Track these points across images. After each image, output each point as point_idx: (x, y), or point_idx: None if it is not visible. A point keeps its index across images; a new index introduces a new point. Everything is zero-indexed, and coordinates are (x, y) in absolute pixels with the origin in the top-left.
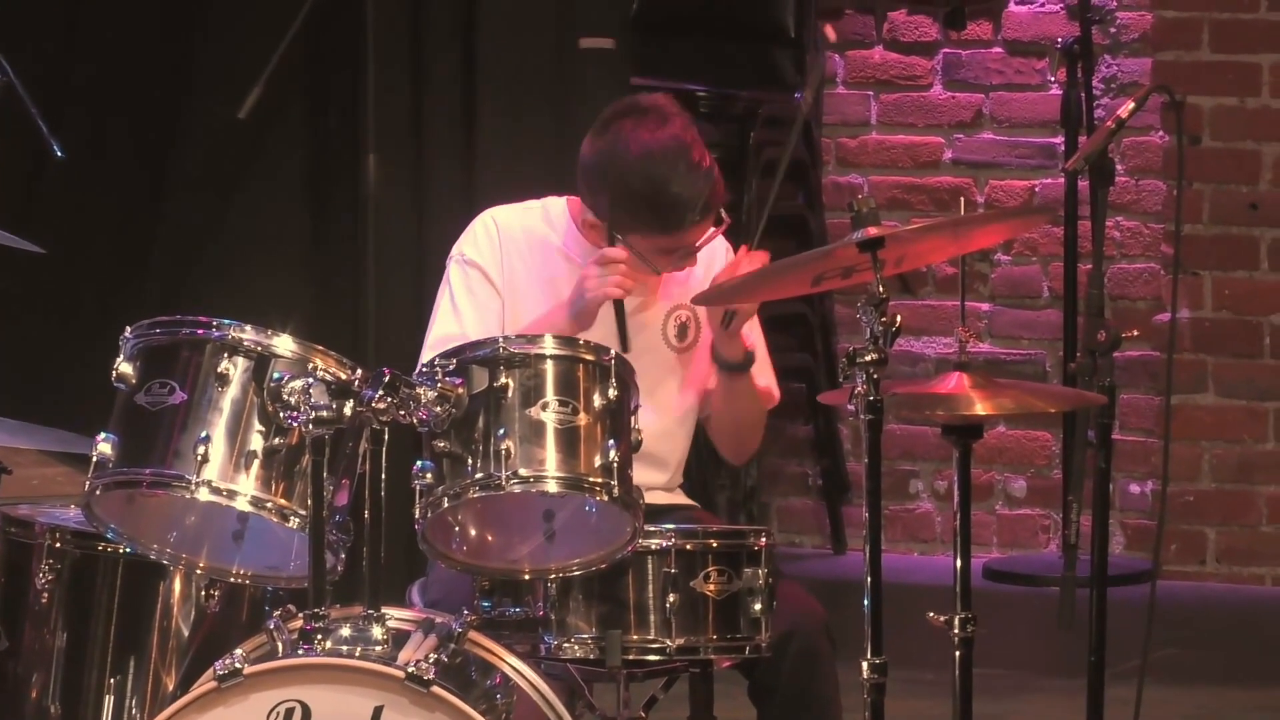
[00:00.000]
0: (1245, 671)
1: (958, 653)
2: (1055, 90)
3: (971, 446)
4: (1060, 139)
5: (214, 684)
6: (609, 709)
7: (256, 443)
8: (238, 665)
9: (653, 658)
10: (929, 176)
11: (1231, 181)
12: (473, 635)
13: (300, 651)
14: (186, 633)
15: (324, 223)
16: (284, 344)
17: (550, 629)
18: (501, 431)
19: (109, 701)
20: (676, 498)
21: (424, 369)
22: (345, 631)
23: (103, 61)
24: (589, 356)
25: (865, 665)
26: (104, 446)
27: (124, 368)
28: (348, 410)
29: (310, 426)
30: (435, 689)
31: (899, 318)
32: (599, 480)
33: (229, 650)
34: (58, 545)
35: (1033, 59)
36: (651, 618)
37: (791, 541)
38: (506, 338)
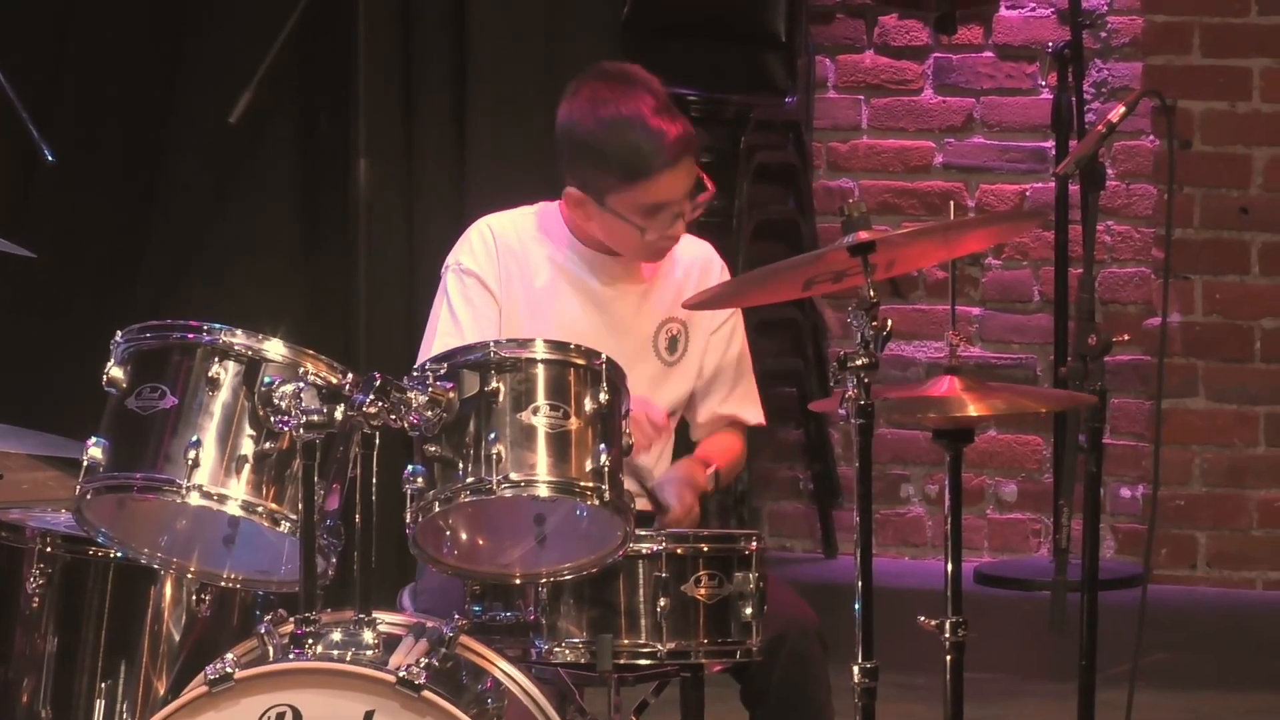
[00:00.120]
0: (1236, 675)
1: (949, 657)
2: (1046, 94)
3: (962, 451)
4: (1051, 143)
5: (205, 688)
6: (600, 713)
7: (247, 447)
8: (229, 670)
9: (644, 662)
10: (920, 181)
11: (1222, 186)
12: (464, 640)
13: (291, 656)
14: (177, 637)
15: (315, 227)
16: (275, 348)
17: (541, 633)
18: (492, 435)
19: (100, 706)
20: None
21: (415, 373)
22: (336, 636)
23: (93, 66)
24: (580, 361)
25: (856, 669)
26: (95, 451)
27: (115, 372)
28: (339, 414)
29: (301, 431)
30: (426, 693)
31: (890, 322)
32: (590, 484)
33: (220, 655)
34: (48, 549)
35: (1023, 63)
36: (642, 622)
37: (782, 546)
38: (498, 342)
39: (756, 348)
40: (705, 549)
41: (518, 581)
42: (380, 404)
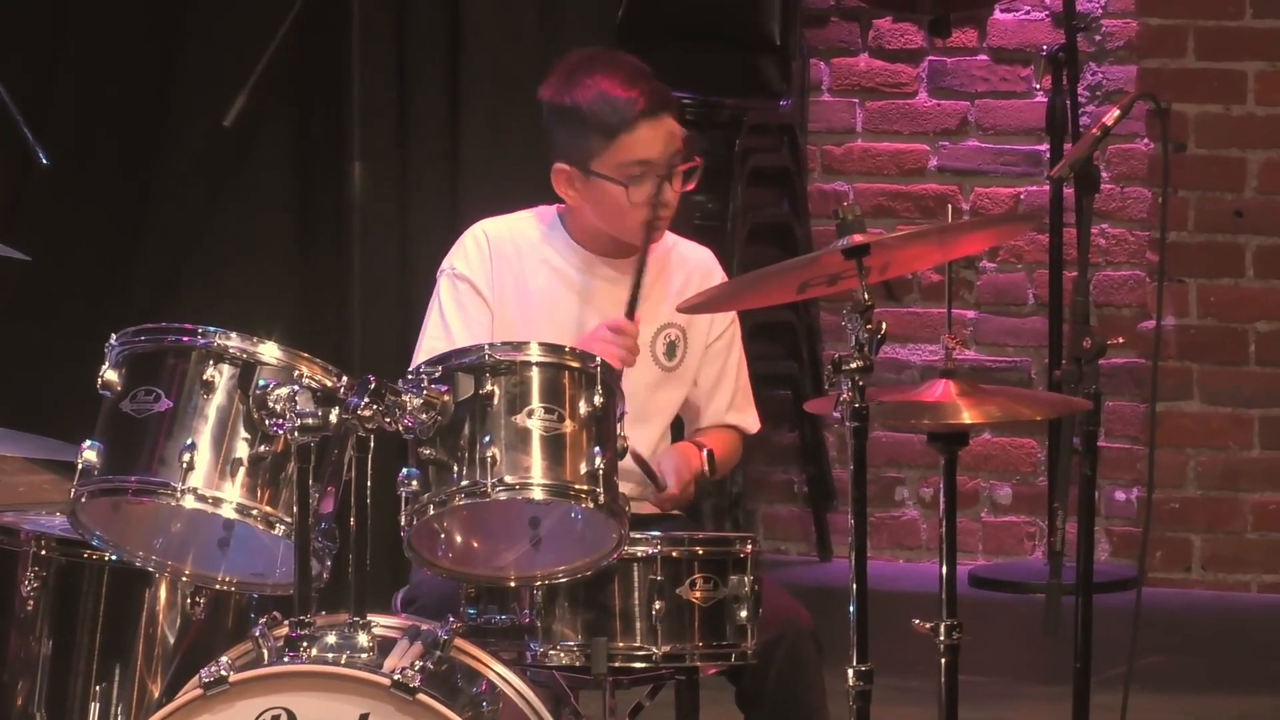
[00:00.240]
0: (1230, 678)
1: (943, 660)
2: (1040, 98)
3: (957, 454)
4: (1045, 146)
5: (199, 691)
6: (595, 716)
7: (242, 450)
8: (223, 673)
9: (639, 665)
10: (914, 184)
11: (1217, 189)
12: (458, 642)
13: (286, 659)
14: (172, 640)
15: (310, 230)
16: (269, 351)
17: (536, 636)
18: (487, 439)
19: (94, 709)
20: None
21: (410, 376)
22: (331, 639)
23: (88, 69)
24: (575, 364)
25: (851, 672)
26: (89, 454)
27: (109, 375)
28: (333, 417)
29: (296, 434)
30: (421, 696)
31: (884, 325)
32: (585, 487)
33: (214, 658)
34: (43, 553)
35: (1018, 66)
36: (637, 625)
37: (777, 549)
38: (492, 345)
39: (751, 351)
40: (700, 552)
41: (512, 584)
42: (375, 407)
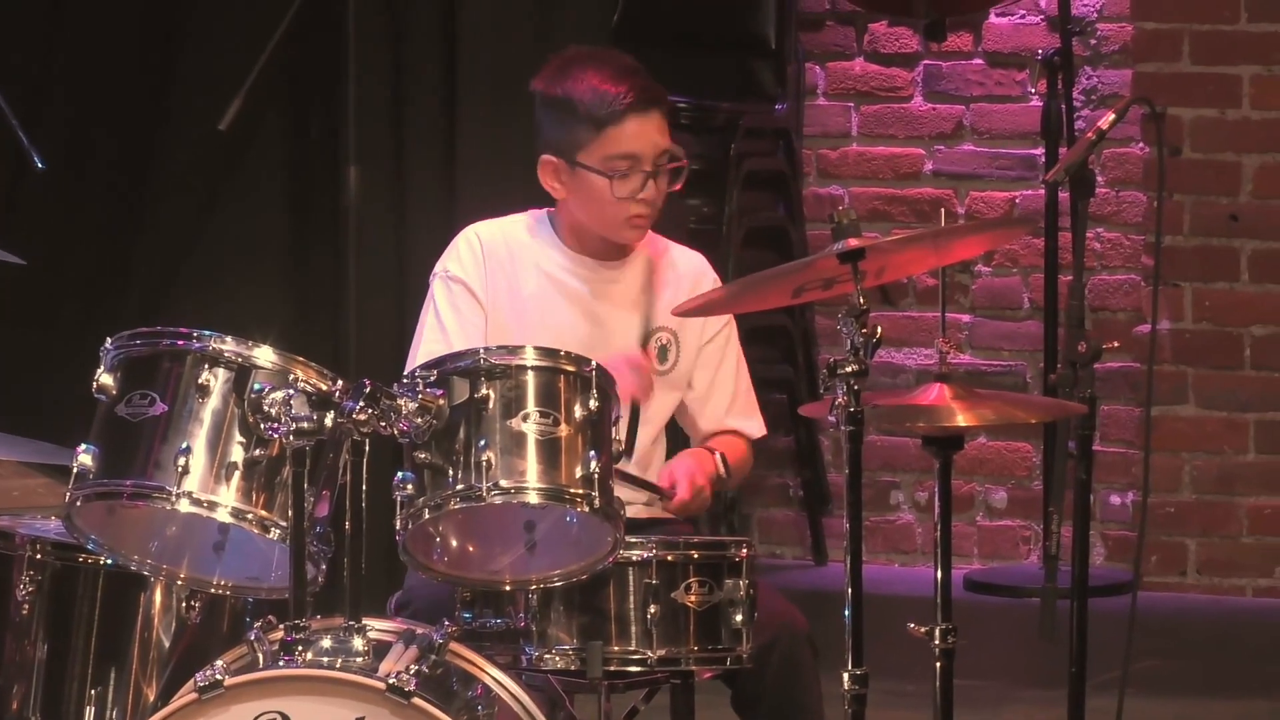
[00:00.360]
0: (1226, 682)
1: (938, 664)
2: (1036, 102)
3: (952, 458)
4: (1041, 150)
5: (195, 695)
6: None
7: (237, 454)
8: (219, 676)
9: (634, 669)
10: (910, 188)
11: (1212, 193)
12: (454, 646)
13: (281, 663)
14: (167, 644)
15: (305, 234)
16: (265, 355)
17: (531, 640)
18: (483, 442)
19: (90, 713)
20: (657, 510)
21: (405, 380)
22: (326, 643)
23: (83, 73)
24: (570, 367)
25: (846, 676)
26: (84, 458)
27: (105, 379)
28: (328, 421)
29: (291, 438)
30: (416, 700)
31: (880, 329)
32: (580, 491)
33: (210, 661)
34: (38, 556)
35: (1013, 70)
36: (633, 629)
37: (772, 553)
38: (487, 349)
39: (746, 354)
40: (695, 556)
41: (508, 588)
42: (370, 411)
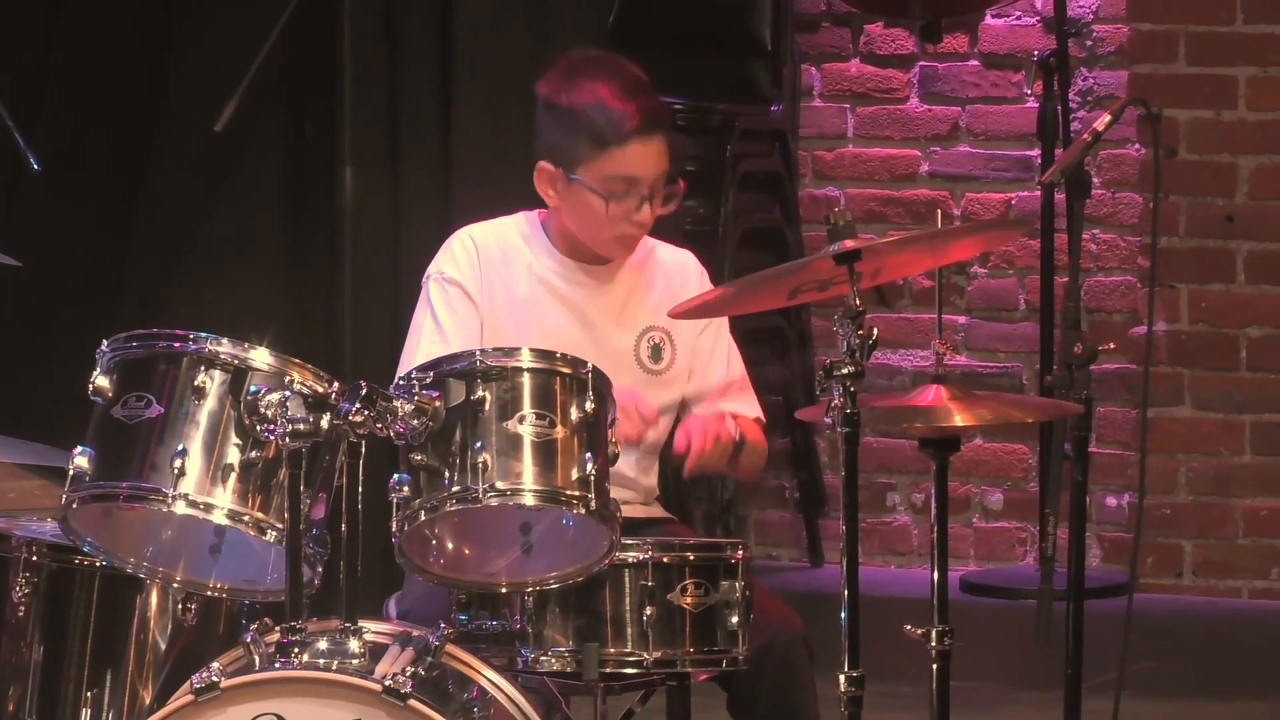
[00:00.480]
0: (1222, 684)
1: (935, 665)
2: (1032, 103)
3: (948, 459)
4: (1037, 152)
5: (191, 697)
6: None
7: (233, 456)
8: (215, 678)
9: (630, 670)
10: (905, 189)
11: (1208, 194)
12: (450, 648)
13: (277, 665)
14: (163, 646)
15: (301, 235)
16: (261, 357)
17: (527, 642)
18: (479, 444)
19: (86, 715)
20: (654, 510)
21: (401, 382)
22: (322, 645)
23: (79, 74)
24: (566, 370)
25: (842, 678)
26: (80, 460)
27: (100, 381)
28: (325, 423)
29: (287, 440)
30: (412, 702)
31: (876, 330)
32: (576, 493)
33: (206, 663)
34: (34, 558)
35: (1009, 72)
36: (628, 630)
37: (769, 554)
38: (484, 350)
39: (742, 356)
40: (691, 558)
41: (504, 590)
42: (366, 412)
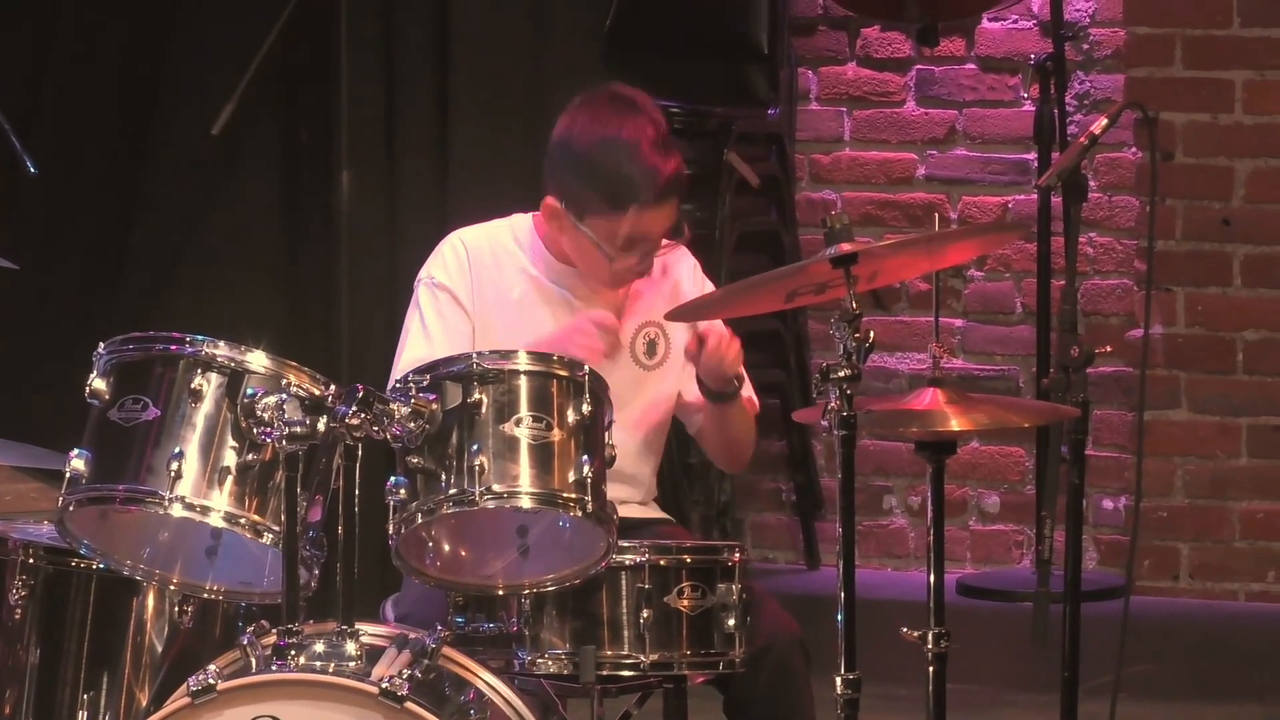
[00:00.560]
0: (1218, 687)
1: (931, 668)
2: (1028, 106)
3: (945, 462)
4: (1033, 155)
5: (187, 700)
6: None
7: (230, 459)
8: (211, 681)
9: (627, 673)
10: (902, 192)
11: (1204, 197)
12: (446, 651)
13: (274, 667)
14: (160, 648)
15: (297, 238)
16: (257, 360)
17: (524, 644)
18: (475, 447)
19: (82, 717)
20: (651, 511)
21: (398, 385)
22: (319, 647)
23: (75, 78)
24: (563, 372)
25: (839, 681)
26: (77, 462)
27: (97, 384)
28: (321, 426)
29: (284, 442)
30: (409, 705)
31: (872, 333)
32: (573, 496)
33: (202, 666)
34: (31, 561)
35: (1006, 75)
36: (625, 633)
37: (765, 557)
38: (480, 353)
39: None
40: (688, 560)
41: (500, 593)
42: (363, 415)
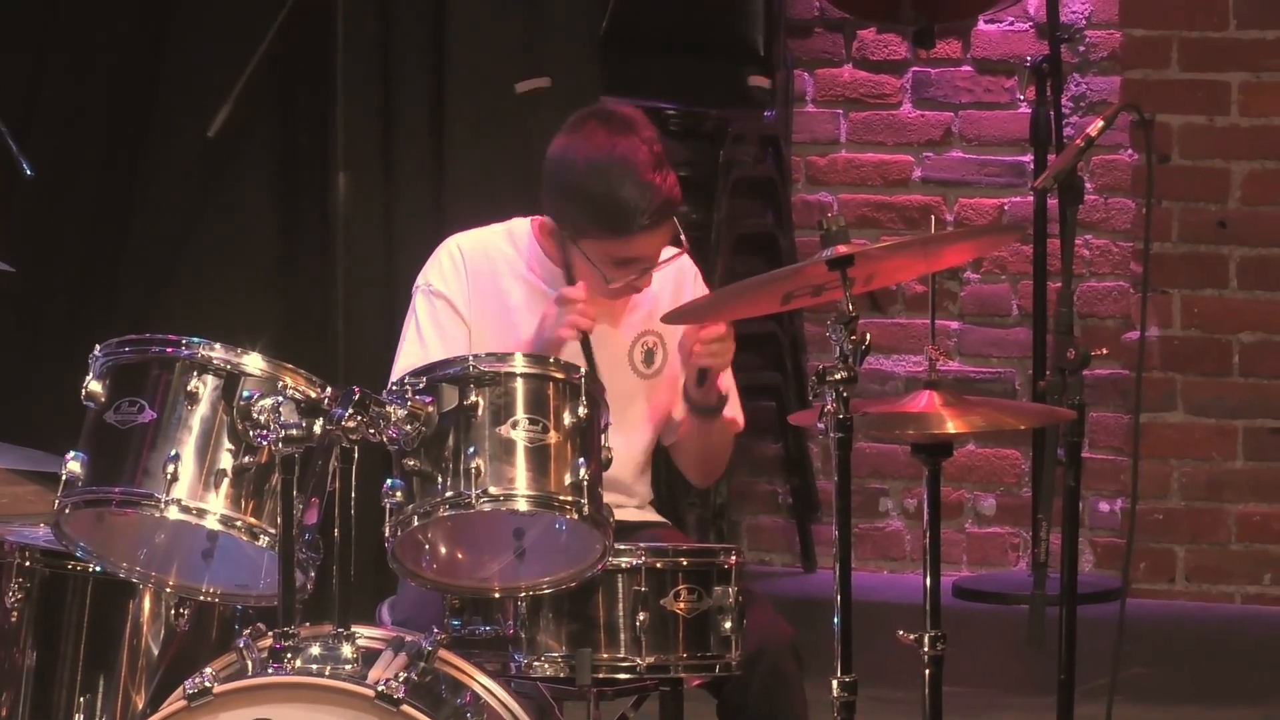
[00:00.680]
0: (1214, 689)
1: (927, 671)
2: (1024, 108)
3: (941, 465)
4: (1029, 157)
5: (183, 702)
6: None
7: (226, 461)
8: (207, 684)
9: (623, 676)
10: (898, 195)
11: (1200, 200)
12: (443, 653)
13: (270, 670)
14: (156, 651)
15: (294, 241)
16: (253, 362)
17: (520, 647)
18: (471, 450)
19: None
20: (647, 514)
21: (394, 387)
22: (315, 650)
23: (72, 79)
24: (559, 374)
25: (835, 683)
26: (73, 465)
27: (93, 386)
28: (317, 428)
29: (280, 445)
30: (405, 707)
31: (868, 336)
32: (569, 498)
33: (198, 669)
34: (27, 564)
35: (1002, 77)
36: (621, 636)
37: (761, 560)
38: (476, 356)
39: (735, 361)
40: (684, 563)
41: (497, 595)
42: (359, 418)
